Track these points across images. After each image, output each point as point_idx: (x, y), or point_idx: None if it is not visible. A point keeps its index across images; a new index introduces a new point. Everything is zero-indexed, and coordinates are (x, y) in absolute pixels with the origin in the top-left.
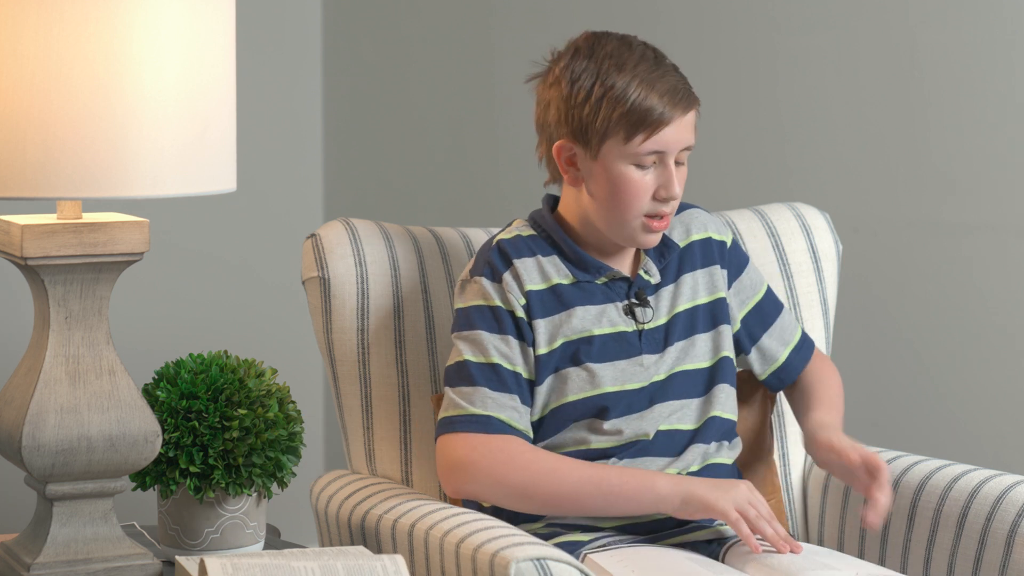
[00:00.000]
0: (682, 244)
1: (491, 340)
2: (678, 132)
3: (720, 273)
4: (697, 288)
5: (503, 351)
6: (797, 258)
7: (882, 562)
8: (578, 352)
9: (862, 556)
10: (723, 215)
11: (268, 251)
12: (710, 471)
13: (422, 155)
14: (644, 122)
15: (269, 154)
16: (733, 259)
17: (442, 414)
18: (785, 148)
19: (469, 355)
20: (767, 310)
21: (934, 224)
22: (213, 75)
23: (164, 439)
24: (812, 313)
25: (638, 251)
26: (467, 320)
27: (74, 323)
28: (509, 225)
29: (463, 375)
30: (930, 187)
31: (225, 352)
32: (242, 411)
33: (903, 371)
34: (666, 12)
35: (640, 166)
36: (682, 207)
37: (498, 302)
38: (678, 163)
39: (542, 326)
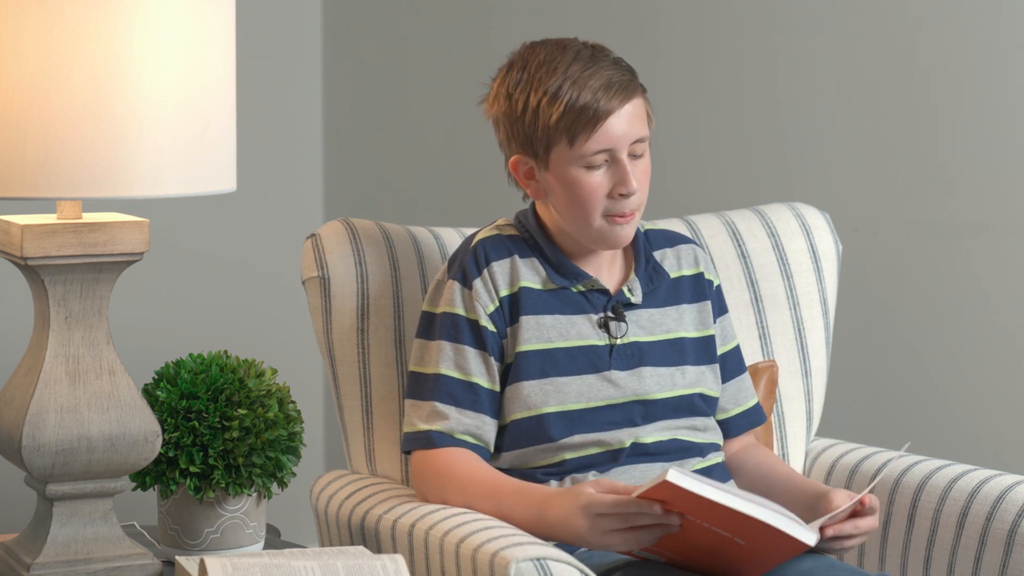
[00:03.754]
0: (673, 275)
1: (448, 350)
2: (622, 125)
3: (710, 310)
4: (684, 321)
5: (458, 362)
6: (797, 258)
7: (882, 562)
8: (541, 364)
9: (862, 556)
10: (723, 215)
11: (268, 251)
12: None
13: (422, 155)
14: (582, 122)
15: (269, 154)
16: (716, 300)
17: (403, 427)
18: (785, 148)
19: (424, 365)
20: (728, 365)
21: (934, 224)
22: (213, 75)
23: (164, 439)
24: (812, 313)
25: (627, 268)
26: (429, 326)
27: (74, 323)
28: (494, 222)
29: (417, 386)
30: (930, 187)
31: (225, 352)
32: (242, 411)
33: (903, 371)
34: (666, 12)
35: (591, 167)
36: (682, 239)
37: (462, 311)
38: (635, 156)
39: (509, 333)
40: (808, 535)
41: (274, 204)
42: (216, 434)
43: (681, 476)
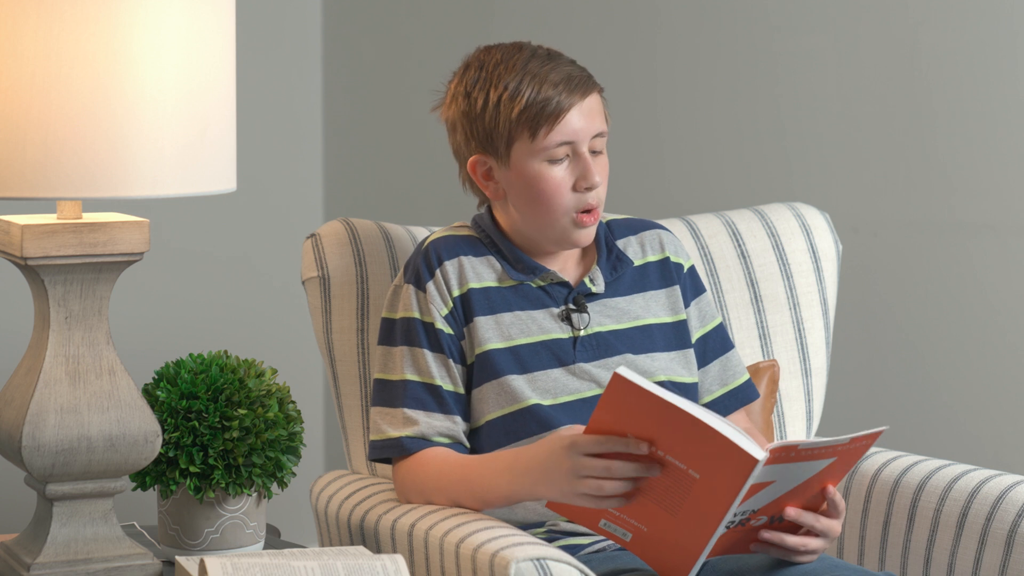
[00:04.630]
0: (637, 263)
1: (410, 355)
2: (583, 119)
3: (679, 295)
4: (653, 307)
5: (420, 367)
6: (797, 258)
7: (882, 562)
8: (507, 361)
9: (862, 556)
10: (723, 215)
11: (268, 251)
12: None
13: (422, 155)
14: (544, 114)
15: (269, 154)
16: (689, 282)
17: (371, 435)
18: (785, 148)
19: (390, 372)
20: (711, 345)
21: (934, 224)
22: (213, 75)
23: (164, 439)
24: (812, 313)
25: (587, 261)
26: (390, 333)
27: (74, 323)
28: (451, 224)
29: (384, 393)
30: (930, 187)
31: (225, 352)
32: (242, 411)
33: (903, 371)
34: (666, 12)
35: (553, 161)
36: (646, 225)
37: (418, 315)
38: (594, 151)
39: (466, 334)
40: (756, 450)
41: (274, 204)
42: (216, 434)
43: (630, 372)
